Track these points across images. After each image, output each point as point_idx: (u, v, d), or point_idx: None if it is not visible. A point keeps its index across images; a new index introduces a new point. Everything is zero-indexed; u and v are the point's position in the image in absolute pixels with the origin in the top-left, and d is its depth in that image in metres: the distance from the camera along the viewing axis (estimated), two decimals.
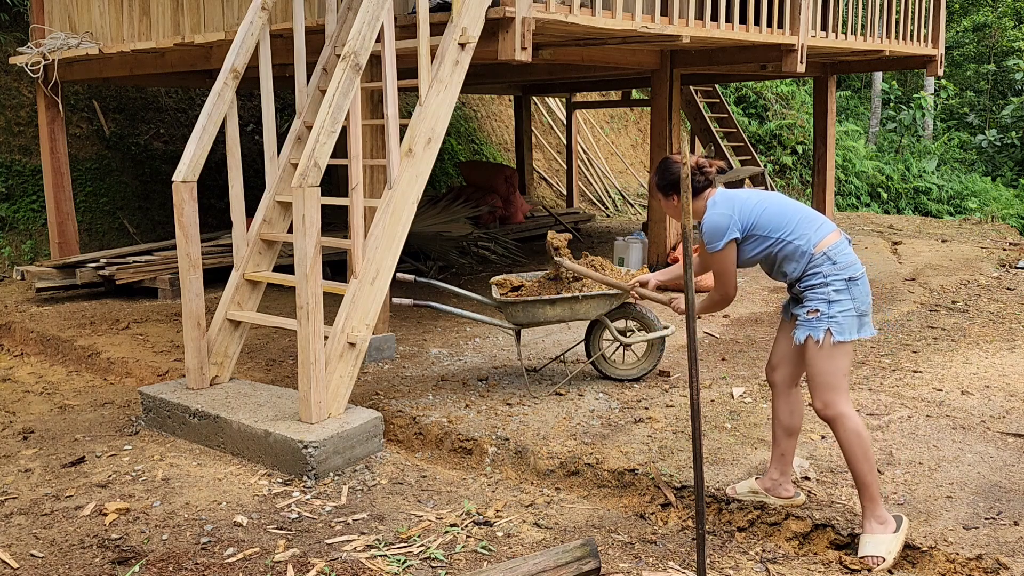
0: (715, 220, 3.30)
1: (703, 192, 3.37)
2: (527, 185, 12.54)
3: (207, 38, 6.24)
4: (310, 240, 4.02)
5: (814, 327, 3.23)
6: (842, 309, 3.22)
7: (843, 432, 3.23)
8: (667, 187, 3.41)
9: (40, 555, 3.29)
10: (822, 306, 3.22)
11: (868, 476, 3.23)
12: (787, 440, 3.54)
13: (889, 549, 3.17)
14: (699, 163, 3.36)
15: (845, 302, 3.22)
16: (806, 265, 3.26)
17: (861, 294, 3.25)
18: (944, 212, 17.64)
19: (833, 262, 3.25)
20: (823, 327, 3.21)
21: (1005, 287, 7.87)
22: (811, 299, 3.25)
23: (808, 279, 3.27)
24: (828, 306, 3.22)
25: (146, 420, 4.69)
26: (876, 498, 3.24)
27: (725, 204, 3.32)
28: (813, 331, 3.23)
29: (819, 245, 3.26)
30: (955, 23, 22.91)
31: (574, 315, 4.89)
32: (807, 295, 3.27)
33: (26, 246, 8.77)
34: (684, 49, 7.49)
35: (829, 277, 3.23)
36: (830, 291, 3.22)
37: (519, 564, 2.87)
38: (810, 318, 3.24)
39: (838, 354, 3.22)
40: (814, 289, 3.25)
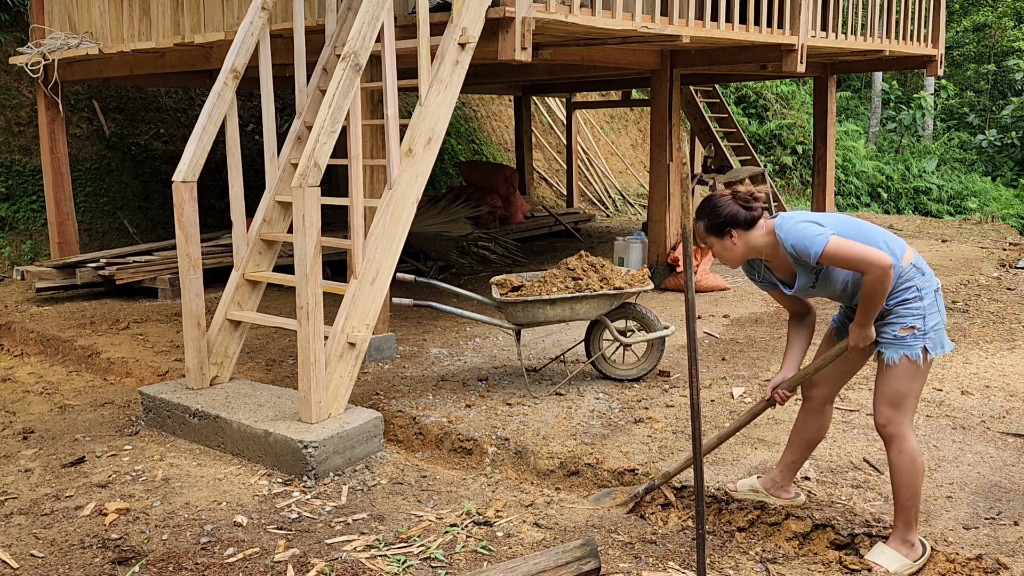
0: (798, 230, 3.01)
1: (757, 222, 3.12)
2: (527, 185, 12.54)
3: (207, 38, 6.24)
4: (310, 240, 4.02)
5: (910, 345, 3.02)
6: (935, 323, 3.05)
7: (898, 454, 3.09)
8: (721, 226, 3.12)
9: (40, 555, 3.29)
10: (918, 322, 3.02)
11: (908, 501, 3.10)
12: (804, 451, 3.47)
13: (899, 569, 3.09)
14: (750, 192, 3.14)
15: (936, 315, 3.06)
16: (898, 279, 3.04)
17: (943, 305, 3.12)
18: (944, 212, 17.64)
19: (922, 273, 3.08)
20: (919, 345, 3.03)
21: (1005, 287, 7.87)
22: (904, 315, 3.04)
23: (900, 294, 3.05)
24: (923, 321, 3.03)
25: (146, 420, 4.69)
26: (911, 524, 3.12)
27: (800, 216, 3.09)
28: (909, 350, 3.02)
29: (905, 257, 3.07)
30: (955, 23, 22.91)
31: (574, 315, 4.89)
32: (898, 311, 3.05)
33: (26, 246, 8.77)
34: (684, 49, 7.49)
35: (923, 290, 3.05)
36: (925, 304, 3.03)
37: (519, 564, 2.87)
38: (904, 335, 3.03)
39: (924, 374, 3.07)
40: (907, 304, 3.04)
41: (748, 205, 3.11)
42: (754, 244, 3.13)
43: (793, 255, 3.05)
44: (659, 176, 7.86)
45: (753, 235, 3.12)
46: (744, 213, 3.10)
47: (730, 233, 3.12)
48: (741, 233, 3.11)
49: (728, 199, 3.12)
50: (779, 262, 3.15)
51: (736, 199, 3.12)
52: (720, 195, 3.16)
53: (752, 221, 3.11)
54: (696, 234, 3.20)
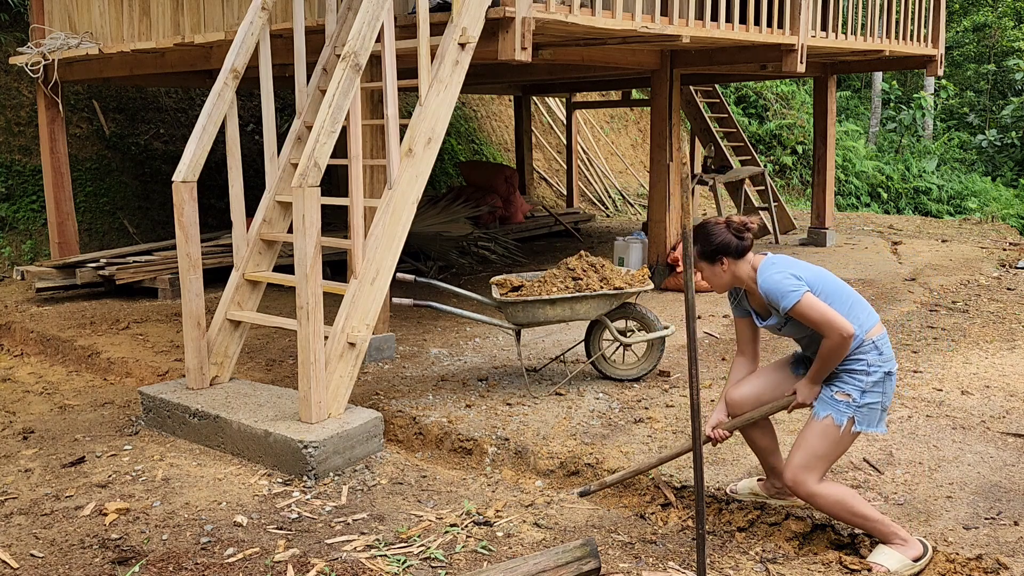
0: (777, 279, 3.11)
1: (746, 254, 3.21)
2: (527, 185, 12.54)
3: (207, 38, 6.24)
4: (310, 240, 4.02)
5: (839, 410, 3.12)
6: (871, 401, 3.14)
7: (823, 507, 3.19)
8: (713, 253, 3.19)
9: (40, 555, 3.29)
10: (855, 393, 3.12)
11: (868, 525, 3.17)
12: (771, 456, 3.53)
13: (899, 568, 3.11)
14: (743, 222, 3.21)
15: (876, 395, 3.14)
16: (854, 348, 3.12)
17: (890, 390, 3.17)
18: (944, 212, 17.64)
19: (879, 352, 3.15)
20: (848, 414, 3.12)
21: (1005, 287, 7.87)
22: (846, 382, 3.14)
23: (851, 363, 3.14)
24: (860, 395, 3.12)
25: (146, 420, 4.69)
26: (886, 532, 3.16)
27: (784, 264, 3.17)
28: (837, 414, 3.12)
29: (870, 332, 3.15)
30: (955, 23, 22.91)
31: (574, 315, 4.89)
32: (843, 376, 3.15)
33: (26, 246, 8.77)
34: (684, 49, 7.49)
35: (872, 367, 3.13)
36: (869, 381, 3.12)
37: (519, 564, 2.87)
38: (839, 400, 3.13)
39: (844, 443, 3.15)
40: (853, 374, 3.14)
41: (740, 235, 3.20)
42: (739, 275, 3.24)
43: (765, 300, 3.17)
44: (659, 176, 7.86)
45: (741, 265, 3.23)
46: (736, 242, 3.19)
47: (721, 260, 3.21)
48: (731, 262, 3.22)
49: (722, 227, 3.21)
50: (757, 297, 3.26)
51: (730, 228, 3.21)
52: (715, 223, 3.24)
53: (743, 251, 3.21)
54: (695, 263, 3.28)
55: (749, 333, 3.41)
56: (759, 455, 3.57)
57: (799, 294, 3.07)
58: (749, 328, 3.40)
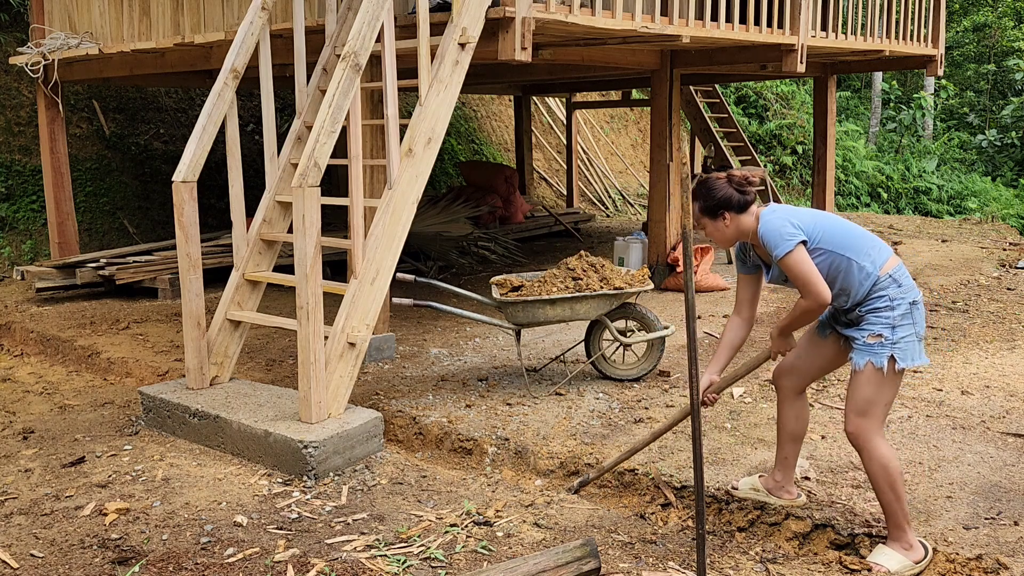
0: (776, 224, 3.10)
1: (749, 207, 3.20)
2: (527, 185, 12.54)
3: (207, 38, 6.24)
4: (310, 240, 4.02)
5: (876, 353, 3.08)
6: (905, 334, 3.09)
7: (869, 461, 3.14)
8: (715, 208, 3.19)
9: (40, 555, 3.29)
10: (886, 331, 3.08)
11: (893, 505, 3.14)
12: (791, 445, 3.51)
13: (900, 570, 3.10)
14: (744, 176, 3.21)
15: (908, 327, 3.09)
16: (871, 287, 3.10)
17: (920, 318, 3.13)
18: (944, 212, 17.64)
19: (899, 284, 3.12)
20: (886, 353, 3.07)
21: (1005, 287, 7.87)
22: (874, 323, 3.10)
23: (872, 301, 3.11)
24: (892, 331, 3.08)
25: (146, 420, 4.69)
26: (902, 525, 3.15)
27: (784, 212, 3.16)
28: (875, 357, 3.08)
29: (884, 267, 3.12)
30: (955, 23, 22.91)
31: (574, 315, 4.89)
32: (869, 318, 3.11)
33: (26, 246, 8.77)
34: (684, 49, 7.49)
35: (895, 300, 3.09)
36: (895, 315, 3.08)
37: (519, 564, 2.87)
38: (871, 343, 3.09)
39: (892, 383, 3.11)
40: (878, 312, 3.10)
41: (742, 189, 3.21)
42: (744, 228, 3.23)
43: (762, 244, 3.16)
44: (659, 176, 7.86)
45: (744, 219, 3.22)
46: (738, 196, 3.20)
47: (723, 215, 3.21)
48: (734, 216, 3.22)
49: (723, 182, 3.21)
50: (762, 248, 3.24)
51: (731, 182, 3.21)
52: (716, 178, 3.24)
53: (745, 205, 3.20)
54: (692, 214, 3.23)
55: (750, 292, 3.39)
56: (781, 436, 3.51)
57: (792, 244, 3.05)
58: (752, 286, 3.37)
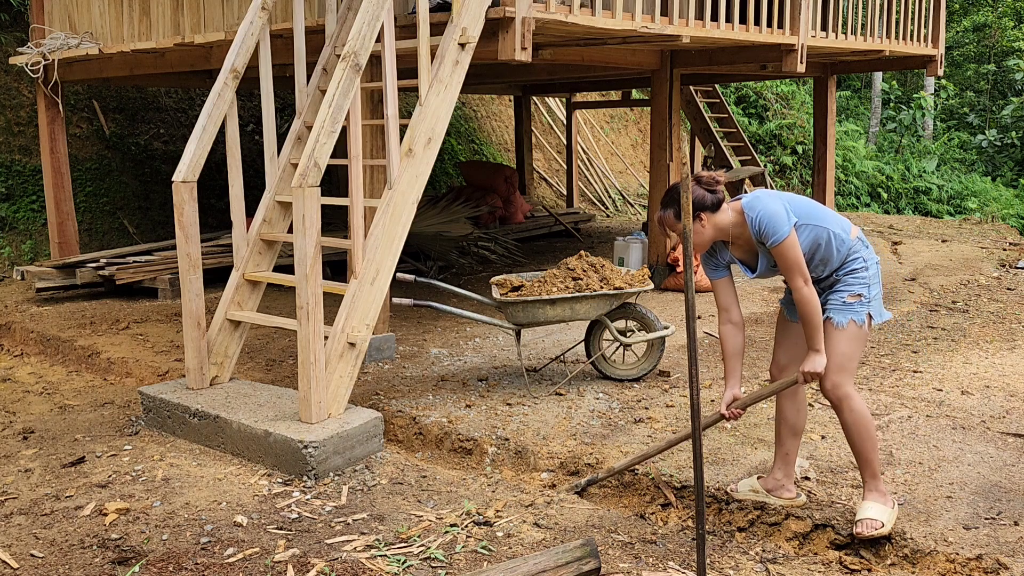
0: (769, 209, 3.16)
1: (722, 205, 3.26)
2: (527, 185, 12.54)
3: (207, 38, 6.24)
4: (310, 240, 4.02)
5: (856, 311, 3.25)
6: (877, 292, 3.30)
7: (848, 413, 3.28)
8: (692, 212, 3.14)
9: (40, 555, 3.29)
10: (864, 290, 3.26)
11: (871, 454, 3.32)
12: (792, 440, 3.55)
13: (887, 520, 3.25)
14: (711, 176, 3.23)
15: (877, 285, 3.31)
16: (847, 253, 3.28)
17: (880, 278, 3.35)
18: (944, 212, 17.64)
19: (866, 246, 3.32)
20: (865, 311, 3.26)
21: (1005, 287, 7.87)
22: (852, 284, 3.27)
23: (849, 264, 3.28)
24: (868, 289, 3.27)
25: (146, 420, 4.69)
26: (878, 475, 3.34)
27: (766, 197, 3.24)
28: (856, 315, 3.25)
29: (852, 232, 3.32)
30: (955, 23, 22.91)
31: (574, 315, 4.89)
32: (847, 279, 3.28)
33: (26, 246, 8.77)
34: (684, 49, 7.49)
35: (868, 260, 3.29)
36: (870, 274, 3.28)
37: (519, 564, 2.87)
38: (851, 302, 3.25)
39: (863, 340, 3.28)
40: (855, 273, 3.27)
41: (712, 188, 3.25)
42: (722, 225, 3.27)
43: (756, 233, 3.19)
44: (659, 176, 7.86)
45: (720, 217, 3.27)
46: (710, 196, 3.24)
47: (699, 217, 3.24)
48: (709, 216, 3.26)
49: (693, 184, 3.24)
50: (743, 242, 3.30)
51: (700, 184, 3.25)
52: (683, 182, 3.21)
53: (718, 204, 3.26)
54: (664, 223, 3.33)
55: (731, 294, 3.39)
56: (781, 431, 3.56)
57: (788, 230, 3.14)
58: (731, 288, 3.40)
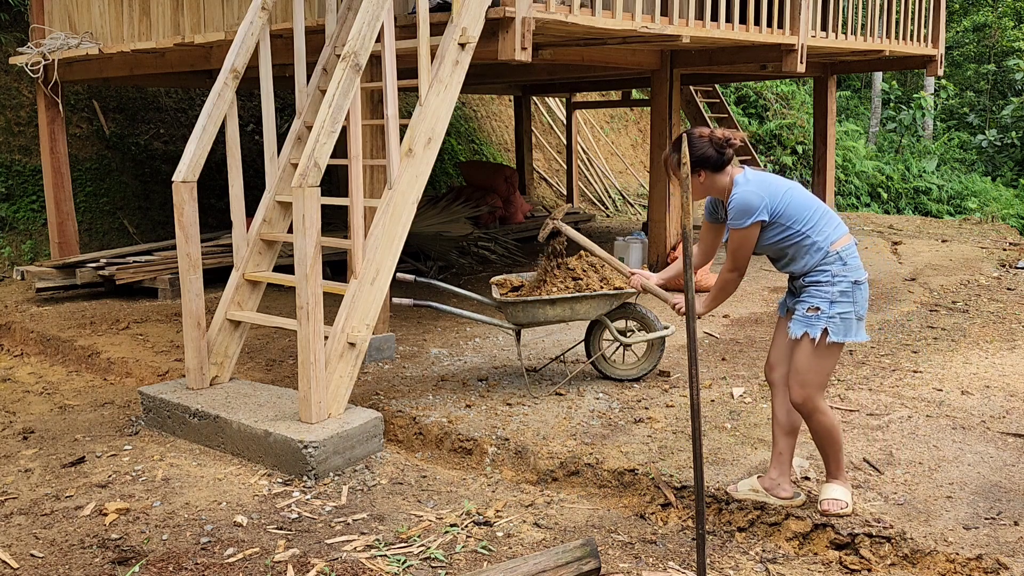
0: (748, 198, 3.24)
1: (725, 168, 3.31)
2: (527, 185, 12.54)
3: (207, 38, 6.24)
4: (310, 240, 4.02)
5: (812, 324, 3.26)
6: (842, 311, 3.26)
7: (816, 425, 3.38)
8: (693, 164, 3.27)
9: (40, 555, 3.29)
10: (823, 304, 3.25)
11: (838, 455, 3.45)
12: (786, 439, 3.55)
13: (849, 501, 3.41)
14: (724, 136, 3.29)
15: (846, 304, 3.27)
16: (819, 261, 3.28)
17: (862, 299, 3.30)
18: (944, 212, 17.63)
19: (844, 263, 3.28)
20: (820, 326, 3.25)
21: (1005, 287, 7.87)
22: (813, 296, 3.28)
23: (815, 275, 3.29)
24: (829, 306, 3.25)
25: (146, 420, 4.69)
26: (842, 465, 3.49)
27: (758, 184, 3.27)
28: (810, 328, 3.26)
29: (836, 243, 3.29)
30: (955, 23, 22.91)
31: (574, 315, 4.89)
32: (810, 291, 3.30)
33: (26, 246, 8.77)
34: (684, 49, 7.49)
35: (836, 277, 3.26)
36: (835, 291, 3.25)
37: (519, 564, 2.87)
38: (809, 315, 3.27)
39: (828, 354, 3.29)
40: (819, 286, 3.28)
41: (721, 149, 3.29)
42: (718, 186, 3.36)
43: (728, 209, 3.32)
44: (659, 176, 7.87)
45: (719, 178, 3.34)
46: (715, 156, 3.30)
47: (699, 172, 3.31)
48: (709, 174, 3.33)
49: (704, 140, 3.30)
50: None
51: (712, 142, 3.29)
52: (698, 134, 3.32)
53: (722, 165, 3.31)
54: (668, 164, 3.43)
55: (713, 238, 3.62)
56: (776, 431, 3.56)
57: (749, 222, 3.24)
58: (715, 234, 3.58)
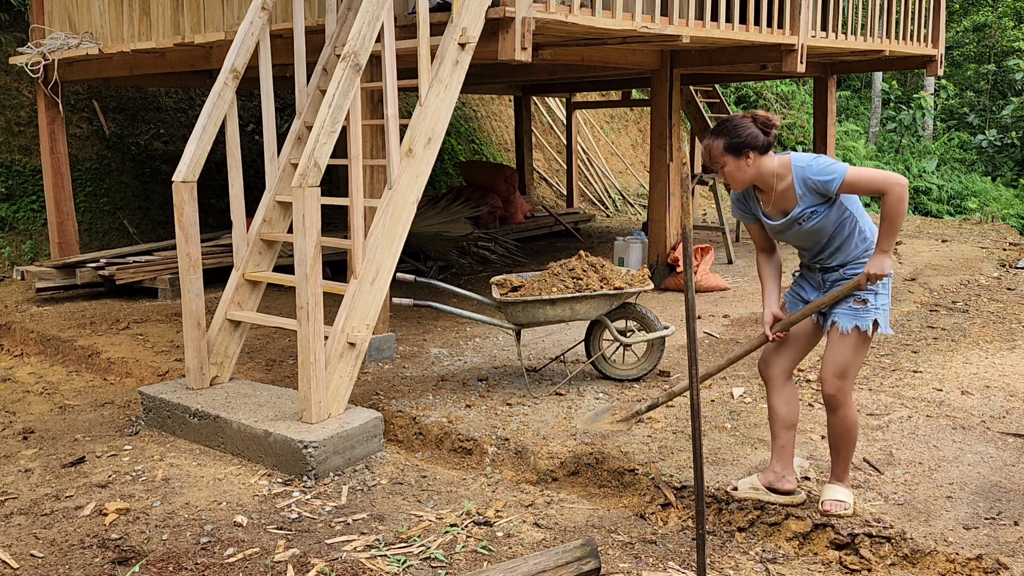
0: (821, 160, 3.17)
1: (770, 150, 3.25)
2: (527, 185, 12.54)
3: (207, 38, 6.24)
4: (310, 240, 4.02)
5: (861, 317, 3.25)
6: (884, 302, 3.28)
7: (842, 420, 3.35)
8: (740, 146, 3.17)
9: (40, 555, 3.29)
10: (870, 296, 3.25)
11: (849, 456, 3.46)
12: (786, 433, 3.55)
13: (850, 503, 3.41)
14: (767, 117, 3.24)
15: (885, 296, 3.29)
16: (863, 252, 3.27)
17: (890, 291, 3.34)
18: (944, 212, 17.63)
19: None
20: (871, 317, 3.25)
21: (1005, 287, 7.87)
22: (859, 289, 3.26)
23: (858, 267, 3.27)
24: (875, 297, 3.25)
25: (146, 420, 4.69)
26: (848, 469, 3.48)
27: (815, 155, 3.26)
28: (861, 321, 3.25)
29: (874, 236, 3.27)
30: (955, 23, 22.91)
31: (574, 315, 4.89)
32: None
33: (26, 246, 8.77)
34: (684, 49, 7.49)
35: None
36: (879, 283, 3.25)
37: (519, 564, 2.87)
38: (857, 308, 3.25)
39: (867, 347, 3.30)
40: None
41: (767, 130, 3.21)
42: (765, 170, 3.23)
43: (806, 186, 3.17)
44: (659, 176, 7.87)
45: (766, 161, 3.22)
46: (763, 137, 3.21)
47: (747, 154, 3.19)
48: (756, 156, 3.22)
49: (749, 121, 3.22)
50: (776, 195, 3.27)
51: (756, 122, 3.22)
52: (742, 116, 3.24)
53: (768, 146, 3.22)
54: (711, 152, 3.27)
55: (761, 235, 3.47)
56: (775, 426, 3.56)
57: (846, 167, 3.10)
58: (762, 231, 3.46)
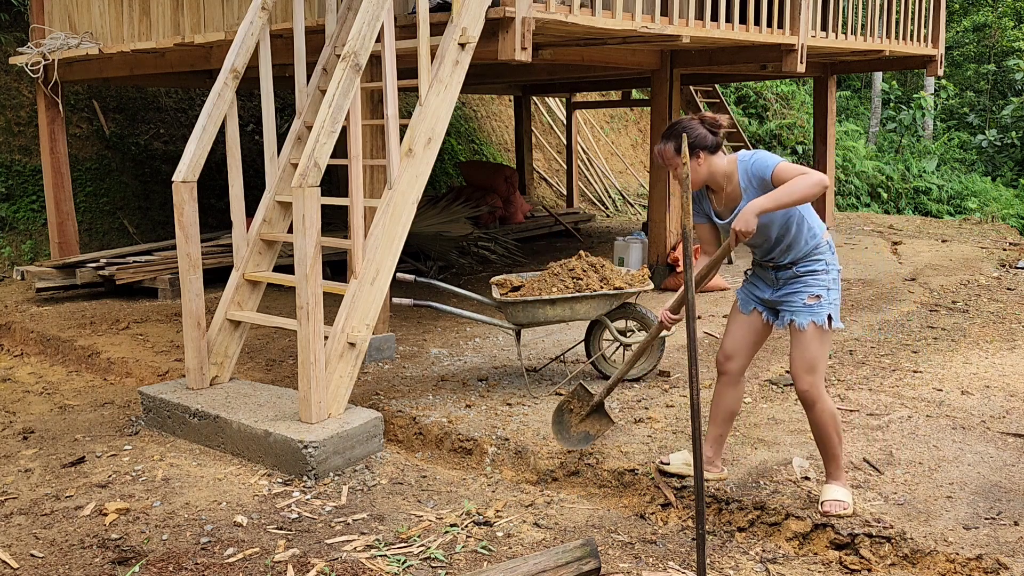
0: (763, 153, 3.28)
1: (720, 148, 3.35)
2: (527, 185, 12.54)
3: (207, 38, 6.25)
4: (310, 240, 4.02)
5: (816, 312, 3.33)
6: (836, 297, 3.38)
7: (820, 413, 3.39)
8: (692, 147, 3.24)
9: (40, 555, 3.29)
10: (823, 292, 3.33)
11: (837, 449, 3.45)
12: (726, 424, 3.70)
13: (850, 502, 3.41)
14: (714, 118, 3.31)
15: (836, 292, 3.38)
16: (812, 249, 3.34)
17: (839, 287, 3.43)
18: (944, 212, 17.63)
19: (832, 252, 3.40)
20: (824, 312, 3.33)
21: (1005, 287, 7.87)
22: (811, 285, 3.34)
23: (809, 263, 3.35)
24: (827, 292, 3.34)
25: (146, 420, 4.69)
26: (841, 465, 3.49)
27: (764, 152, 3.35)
28: (816, 316, 3.32)
29: (823, 234, 3.38)
30: (955, 23, 22.91)
31: (574, 315, 4.89)
32: (805, 280, 3.35)
33: (26, 246, 8.77)
34: (684, 49, 7.49)
35: (829, 265, 3.37)
36: (829, 279, 3.36)
37: (519, 564, 2.87)
38: (811, 304, 3.33)
39: (828, 340, 3.37)
40: (815, 275, 3.35)
41: (714, 130, 3.32)
42: (716, 169, 3.33)
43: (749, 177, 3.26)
44: (659, 176, 7.86)
45: (716, 160, 3.33)
46: (711, 137, 3.31)
47: (698, 155, 3.29)
48: (707, 156, 3.32)
49: (696, 123, 3.31)
50: (727, 194, 3.37)
51: (704, 124, 3.31)
52: (688, 119, 3.34)
53: (717, 146, 3.33)
54: (663, 156, 3.37)
55: (709, 234, 3.55)
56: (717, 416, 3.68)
57: (779, 159, 3.21)
58: (712, 230, 3.54)
